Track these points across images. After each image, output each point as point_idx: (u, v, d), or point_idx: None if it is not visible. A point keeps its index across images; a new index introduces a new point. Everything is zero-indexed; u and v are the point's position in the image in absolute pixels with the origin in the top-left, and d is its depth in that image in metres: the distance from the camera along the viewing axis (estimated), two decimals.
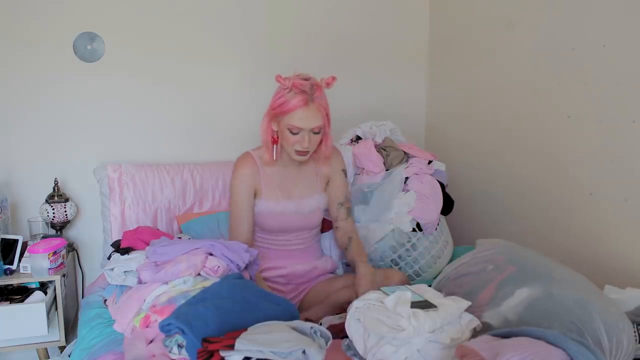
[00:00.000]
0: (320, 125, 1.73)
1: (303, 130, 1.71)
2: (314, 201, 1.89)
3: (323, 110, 1.73)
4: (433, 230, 2.09)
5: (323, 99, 1.74)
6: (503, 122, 2.31)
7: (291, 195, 1.86)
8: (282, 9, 2.58)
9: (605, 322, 1.21)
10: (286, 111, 1.71)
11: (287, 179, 1.88)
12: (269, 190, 1.84)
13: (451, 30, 2.66)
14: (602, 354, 1.15)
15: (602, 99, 1.82)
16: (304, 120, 1.70)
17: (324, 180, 1.94)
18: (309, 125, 1.70)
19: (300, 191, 1.88)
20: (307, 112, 1.69)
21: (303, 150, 1.74)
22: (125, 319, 1.55)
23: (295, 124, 1.70)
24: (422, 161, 2.16)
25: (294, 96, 1.69)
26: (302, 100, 1.68)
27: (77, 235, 2.42)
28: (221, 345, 1.17)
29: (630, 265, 1.74)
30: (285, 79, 1.72)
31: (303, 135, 1.71)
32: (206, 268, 1.58)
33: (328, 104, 1.77)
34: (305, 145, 1.72)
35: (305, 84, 1.70)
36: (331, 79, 1.73)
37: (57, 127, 2.34)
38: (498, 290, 1.39)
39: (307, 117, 1.70)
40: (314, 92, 1.70)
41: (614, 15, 1.76)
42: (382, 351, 1.18)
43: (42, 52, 2.28)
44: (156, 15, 2.41)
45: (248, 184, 1.84)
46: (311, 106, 1.70)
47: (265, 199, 1.84)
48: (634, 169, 1.72)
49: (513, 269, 1.45)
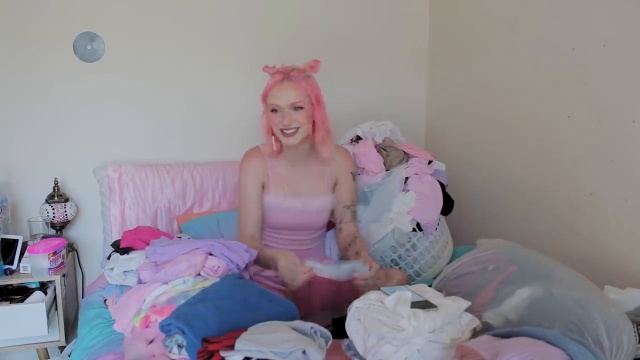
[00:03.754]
0: (298, 102, 1.76)
1: (281, 107, 1.76)
2: (320, 201, 1.90)
3: (303, 89, 1.76)
4: (433, 230, 2.08)
5: (304, 80, 1.78)
6: (503, 122, 2.31)
7: (298, 192, 1.87)
8: (281, 9, 2.58)
9: (606, 322, 1.21)
10: (266, 92, 1.79)
11: (295, 176, 1.89)
12: (277, 185, 1.86)
13: (451, 30, 2.66)
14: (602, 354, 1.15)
15: (602, 99, 1.82)
16: (279, 97, 1.76)
17: (331, 181, 1.94)
18: (285, 101, 1.75)
19: (308, 189, 1.89)
20: (281, 89, 1.75)
21: (286, 129, 1.77)
22: (125, 319, 1.55)
23: (273, 102, 1.77)
24: (422, 161, 2.15)
25: (274, 77, 1.79)
26: (277, 79, 1.77)
27: (77, 235, 2.42)
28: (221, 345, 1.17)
29: (630, 265, 1.74)
30: (270, 67, 1.80)
31: (283, 112, 1.76)
32: (206, 268, 1.58)
33: (317, 87, 1.81)
34: (286, 122, 1.75)
35: (286, 67, 1.79)
36: (314, 62, 1.78)
37: (57, 127, 2.34)
38: (498, 290, 1.39)
39: (282, 94, 1.75)
40: (290, 72, 1.77)
41: (614, 15, 1.76)
42: (382, 351, 1.18)
43: (42, 52, 2.28)
44: (156, 15, 2.41)
45: (256, 176, 1.86)
46: (286, 83, 1.76)
47: (272, 193, 1.86)
48: (634, 169, 1.72)
49: (514, 268, 1.45)
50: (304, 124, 1.79)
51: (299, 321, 1.29)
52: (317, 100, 1.80)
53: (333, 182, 1.95)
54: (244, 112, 2.57)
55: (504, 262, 1.49)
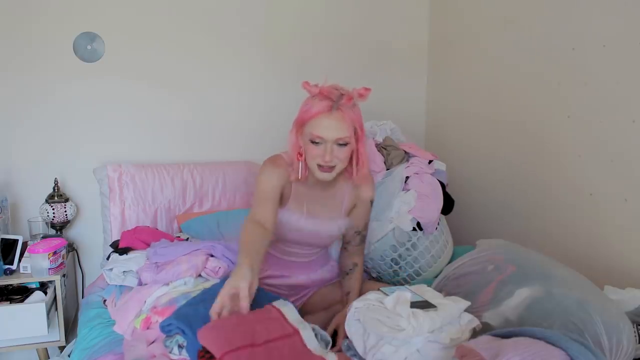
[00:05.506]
0: (345, 137, 1.52)
1: (325, 140, 1.52)
2: (335, 226, 1.75)
3: (350, 122, 1.53)
4: (433, 230, 2.08)
5: (353, 111, 1.55)
6: (503, 122, 2.31)
7: (315, 215, 1.71)
8: (282, 10, 2.58)
9: (605, 322, 1.21)
10: (308, 118, 1.53)
11: (314, 197, 1.71)
12: (295, 203, 1.69)
13: (451, 31, 2.66)
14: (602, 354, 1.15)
15: (602, 99, 1.82)
16: (326, 129, 1.51)
17: (349, 205, 1.78)
18: (332, 135, 1.51)
19: (325, 213, 1.72)
20: (330, 120, 1.50)
21: (325, 165, 1.55)
22: (125, 320, 1.55)
23: (316, 133, 1.51)
24: (422, 161, 2.15)
25: (318, 102, 1.52)
26: (325, 106, 1.51)
27: (77, 235, 2.42)
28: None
29: (630, 265, 1.74)
30: (312, 86, 1.55)
31: (325, 147, 1.53)
32: (207, 269, 1.58)
33: (361, 118, 1.58)
34: (327, 158, 1.52)
35: (333, 91, 1.53)
36: (364, 90, 1.54)
37: (57, 127, 2.34)
38: (498, 290, 1.39)
39: (329, 126, 1.50)
40: (340, 100, 1.52)
41: (614, 15, 1.76)
42: (381, 351, 1.18)
43: (42, 52, 2.29)
44: (156, 15, 2.41)
45: (278, 182, 1.63)
46: (335, 114, 1.51)
47: (289, 210, 1.68)
48: (634, 169, 1.72)
49: (513, 268, 1.45)
50: (344, 161, 1.58)
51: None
52: (359, 132, 1.57)
53: (351, 206, 1.78)
54: (244, 112, 2.58)
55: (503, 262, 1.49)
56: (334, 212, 1.75)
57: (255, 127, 2.57)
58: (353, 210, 1.78)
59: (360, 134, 1.58)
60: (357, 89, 1.55)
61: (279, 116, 2.43)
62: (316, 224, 1.71)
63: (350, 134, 1.53)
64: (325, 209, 1.73)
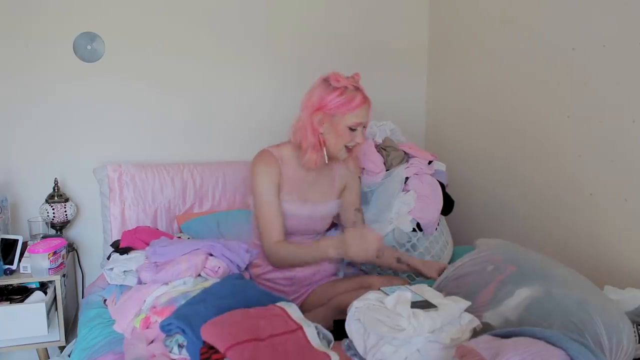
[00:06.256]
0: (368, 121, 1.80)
1: (362, 125, 1.75)
2: (327, 208, 1.88)
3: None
4: (433, 231, 2.08)
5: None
6: (503, 122, 2.31)
7: (306, 199, 1.84)
8: (282, 9, 2.58)
9: (605, 322, 1.21)
10: (350, 109, 1.72)
11: (305, 182, 1.85)
12: (286, 191, 1.81)
13: (451, 30, 2.66)
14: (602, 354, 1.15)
15: (602, 99, 1.82)
16: (364, 116, 1.74)
17: (340, 186, 1.93)
18: (366, 121, 1.77)
19: (316, 196, 1.85)
20: (365, 108, 1.74)
21: (351, 147, 1.78)
22: (125, 319, 1.55)
23: (358, 120, 1.73)
24: (422, 161, 2.16)
25: (355, 93, 1.73)
26: (363, 97, 1.74)
27: (77, 235, 2.42)
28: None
29: (630, 265, 1.74)
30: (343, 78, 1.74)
31: (360, 130, 1.76)
32: (206, 269, 1.58)
33: None
34: (361, 140, 1.76)
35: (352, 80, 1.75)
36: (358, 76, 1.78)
37: (57, 127, 2.34)
38: (498, 290, 1.39)
39: (365, 113, 1.75)
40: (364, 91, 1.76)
41: (614, 15, 1.76)
42: (382, 351, 1.18)
43: (42, 52, 2.29)
44: (156, 15, 2.41)
45: (274, 181, 1.79)
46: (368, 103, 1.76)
47: (283, 199, 1.80)
48: (634, 169, 1.72)
49: (513, 268, 1.45)
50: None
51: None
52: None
53: (342, 187, 1.93)
54: (244, 112, 2.58)
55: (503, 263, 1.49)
56: (326, 195, 1.87)
57: (255, 127, 2.57)
58: (345, 191, 1.94)
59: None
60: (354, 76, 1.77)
61: (279, 116, 2.43)
62: (308, 208, 1.83)
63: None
64: (315, 192, 1.85)
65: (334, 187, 1.90)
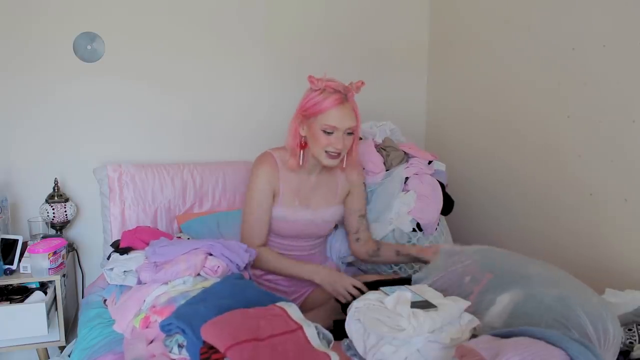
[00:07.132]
0: (353, 127, 1.69)
1: (338, 130, 1.66)
2: (330, 213, 1.87)
3: (356, 113, 1.71)
4: (433, 231, 2.08)
5: (355, 102, 1.72)
6: (503, 122, 2.31)
7: (309, 204, 1.82)
8: (282, 10, 2.58)
9: (588, 312, 1.21)
10: (321, 110, 1.67)
11: (306, 187, 1.83)
12: (287, 196, 1.79)
13: (451, 30, 2.66)
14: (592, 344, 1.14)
15: (602, 99, 1.82)
16: (339, 119, 1.66)
17: (344, 192, 1.91)
18: (344, 124, 1.67)
19: (318, 201, 1.84)
20: (342, 111, 1.66)
21: (335, 152, 1.69)
22: (124, 319, 1.55)
23: (330, 123, 1.66)
24: (422, 161, 2.16)
25: (329, 95, 1.66)
26: (337, 99, 1.66)
27: (77, 235, 2.42)
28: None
29: (630, 266, 1.74)
30: (317, 80, 1.68)
31: (337, 135, 1.67)
32: (206, 268, 1.57)
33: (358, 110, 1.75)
34: (340, 146, 1.67)
35: (338, 84, 1.69)
36: (360, 83, 1.71)
37: (57, 127, 2.34)
38: (479, 301, 1.36)
39: (342, 116, 1.66)
40: (347, 92, 1.69)
41: (614, 15, 1.76)
42: (382, 351, 1.18)
43: (42, 52, 2.28)
44: (156, 15, 2.41)
45: (270, 185, 1.77)
46: (346, 105, 1.67)
47: (281, 204, 1.79)
48: (634, 169, 1.72)
49: (490, 276, 1.42)
50: (348, 148, 1.73)
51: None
52: (359, 121, 1.75)
53: (345, 192, 1.91)
54: (244, 112, 2.58)
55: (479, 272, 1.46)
56: (327, 200, 1.86)
57: (255, 127, 2.57)
58: (349, 197, 1.92)
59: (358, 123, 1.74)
60: (354, 83, 1.71)
61: (279, 116, 2.42)
62: (310, 212, 1.82)
63: (357, 124, 1.71)
64: (318, 197, 1.84)
65: (337, 192, 1.88)
